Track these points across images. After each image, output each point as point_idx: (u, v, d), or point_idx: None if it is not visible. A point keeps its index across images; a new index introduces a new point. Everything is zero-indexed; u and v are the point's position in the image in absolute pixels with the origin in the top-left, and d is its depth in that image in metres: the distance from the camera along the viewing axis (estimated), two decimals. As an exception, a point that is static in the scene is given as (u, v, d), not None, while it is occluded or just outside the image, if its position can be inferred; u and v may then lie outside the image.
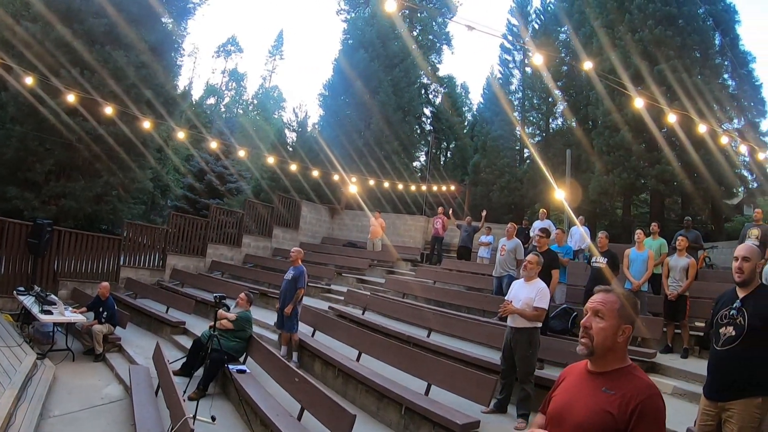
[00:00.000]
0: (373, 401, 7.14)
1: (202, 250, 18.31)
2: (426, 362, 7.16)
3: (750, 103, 26.54)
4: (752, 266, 3.72)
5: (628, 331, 2.30)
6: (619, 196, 27.42)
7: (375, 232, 19.27)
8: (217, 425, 6.29)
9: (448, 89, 44.72)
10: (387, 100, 31.85)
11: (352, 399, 7.58)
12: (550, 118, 35.81)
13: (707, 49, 25.01)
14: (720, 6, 26.37)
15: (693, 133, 16.33)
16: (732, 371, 3.62)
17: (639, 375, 2.25)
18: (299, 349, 9.35)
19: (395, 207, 26.95)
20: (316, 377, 8.57)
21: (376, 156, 29.98)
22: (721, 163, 21.62)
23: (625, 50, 23.46)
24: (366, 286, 15.70)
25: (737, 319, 3.65)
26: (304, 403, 6.36)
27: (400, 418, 6.51)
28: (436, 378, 6.83)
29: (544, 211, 15.57)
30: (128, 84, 20.21)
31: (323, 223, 24.31)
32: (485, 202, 30.67)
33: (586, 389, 2.30)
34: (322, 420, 5.77)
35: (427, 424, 6.07)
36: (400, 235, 22.70)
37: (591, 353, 2.29)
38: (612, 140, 24.02)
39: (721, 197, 25.11)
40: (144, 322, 12.70)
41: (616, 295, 2.36)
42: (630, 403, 2.12)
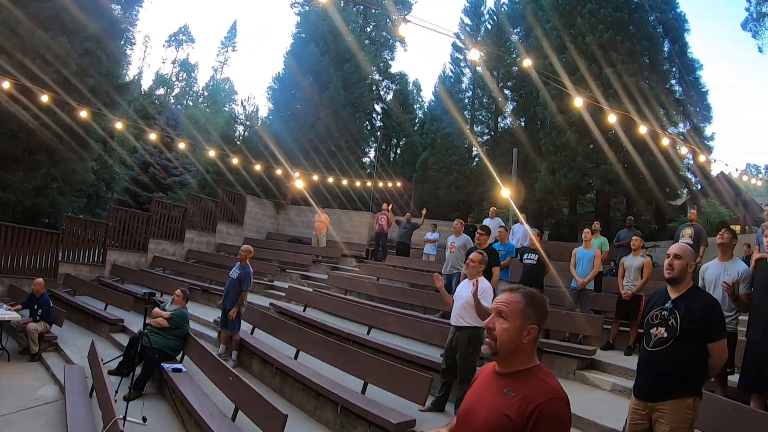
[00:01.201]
0: (309, 400, 7.07)
1: (143, 246, 17.88)
2: (363, 360, 7.11)
3: (696, 109, 27.53)
4: (683, 264, 3.75)
5: (533, 331, 2.23)
6: (565, 196, 27.92)
7: (319, 228, 19.19)
8: (148, 426, 6.14)
9: (400, 86, 44.65)
10: (336, 95, 31.67)
11: (290, 398, 7.49)
12: (499, 117, 36.21)
13: (656, 55, 25.83)
14: (671, 14, 27.40)
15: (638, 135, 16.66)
16: (663, 372, 3.64)
17: (543, 377, 2.17)
18: (239, 348, 9.23)
19: (342, 203, 26.92)
20: (254, 376, 8.52)
21: (324, 151, 29.82)
22: (664, 165, 22.17)
23: (575, 53, 23.82)
24: (309, 282, 15.63)
25: (669, 320, 3.67)
26: (238, 402, 6.25)
27: (337, 417, 6.46)
28: (372, 376, 6.78)
29: (494, 209, 15.60)
30: (72, 71, 19.55)
31: (269, 218, 24.02)
32: (433, 199, 30.88)
33: (490, 390, 2.24)
34: (255, 420, 5.68)
35: (363, 424, 6.03)
36: (345, 231, 22.57)
37: (495, 354, 2.23)
38: (559, 141, 24.44)
39: (665, 198, 25.79)
40: (82, 320, 12.36)
41: (521, 295, 2.28)
42: (529, 406, 2.04)
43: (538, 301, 2.28)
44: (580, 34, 24.16)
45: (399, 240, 17.36)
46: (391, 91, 44.11)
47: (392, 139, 43.59)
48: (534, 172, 27.61)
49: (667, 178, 23.55)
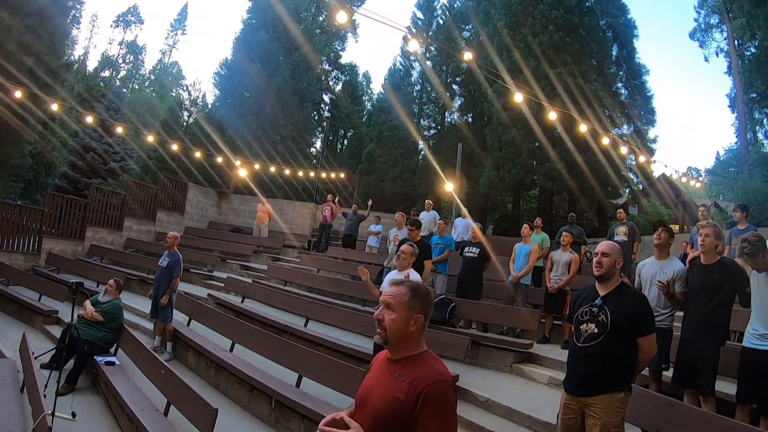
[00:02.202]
0: (244, 393, 6.99)
1: (80, 234, 17.30)
2: (298, 353, 7.02)
3: (640, 112, 28.48)
4: (611, 262, 3.81)
5: (419, 320, 2.38)
6: (509, 191, 28.31)
7: (261, 218, 19.03)
8: (79, 422, 5.95)
9: (350, 77, 44.54)
10: (284, 83, 31.31)
11: (225, 391, 7.39)
12: (446, 112, 36.37)
13: (604, 59, 26.50)
14: (621, 20, 28.26)
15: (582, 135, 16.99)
16: (593, 367, 3.68)
17: (430, 362, 2.33)
18: (174, 340, 9.06)
19: (287, 193, 26.58)
20: (190, 369, 8.38)
21: (270, 140, 29.49)
22: (606, 165, 22.67)
23: (524, 52, 24.16)
24: (250, 273, 15.51)
25: (599, 316, 3.72)
26: (170, 396, 6.10)
27: (271, 411, 6.40)
28: (307, 369, 6.71)
29: (429, 202, 15.63)
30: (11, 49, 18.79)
31: (210, 207, 23.66)
32: (377, 191, 30.87)
33: (383, 376, 2.39)
34: (186, 414, 5.54)
35: (296, 417, 5.98)
36: (288, 222, 22.36)
37: (386, 342, 2.39)
38: (504, 137, 24.75)
39: (607, 197, 26.37)
40: (16, 312, 11.84)
41: (407, 288, 2.44)
42: (416, 388, 2.18)
43: (422, 292, 2.45)
44: (531, 34, 24.48)
45: (345, 232, 17.35)
46: (340, 81, 44.00)
47: (339, 130, 43.45)
48: (479, 168, 27.94)
49: (609, 178, 24.08)
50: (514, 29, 25.40)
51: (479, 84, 27.81)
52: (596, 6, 26.36)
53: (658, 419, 4.46)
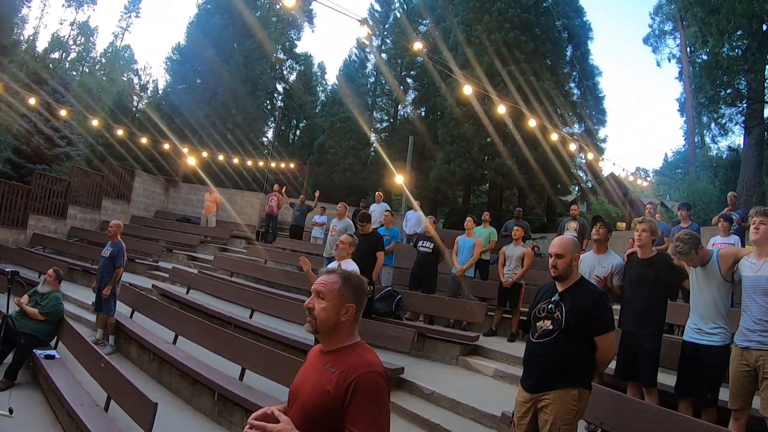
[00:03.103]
0: (187, 387, 6.82)
1: (22, 222, 16.57)
2: (242, 345, 6.91)
3: (591, 112, 29.24)
4: (566, 261, 3.78)
5: (351, 309, 2.34)
6: (460, 186, 28.53)
7: (209, 208, 18.72)
8: (18, 418, 5.74)
9: (304, 67, 44.06)
10: (237, 71, 30.99)
11: (167, 385, 7.20)
12: (399, 105, 36.49)
13: (558, 59, 27.18)
14: (577, 22, 29.08)
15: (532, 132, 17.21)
16: (548, 364, 3.67)
17: (361, 353, 2.29)
18: (116, 332, 8.82)
19: (236, 182, 26.11)
20: (132, 362, 8.16)
21: (221, 128, 29.17)
22: (556, 162, 23.04)
23: (480, 48, 24.39)
24: (196, 263, 15.29)
25: (555, 313, 3.70)
26: (110, 391, 5.89)
27: (214, 405, 6.27)
28: (250, 362, 6.60)
29: (380, 194, 15.67)
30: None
31: (158, 195, 23.12)
32: (328, 182, 30.92)
33: (315, 367, 2.35)
34: (126, 409, 5.37)
35: (240, 411, 5.89)
36: (237, 212, 22.00)
37: (316, 331, 2.34)
38: (456, 132, 24.98)
39: (556, 193, 26.85)
40: (-48, 305, 11.48)
41: (338, 276, 2.40)
42: (346, 379, 2.14)
43: (354, 281, 2.40)
44: (487, 31, 24.75)
45: (293, 223, 17.33)
46: (294, 71, 43.41)
47: (292, 120, 43.08)
48: (430, 161, 28.17)
49: (558, 175, 24.57)
50: (470, 26, 25.69)
51: (433, 78, 28.01)
52: (553, 7, 26.89)
53: (602, 412, 4.52)
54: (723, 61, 17.73)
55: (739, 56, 18.10)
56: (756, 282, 4.28)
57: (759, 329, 4.17)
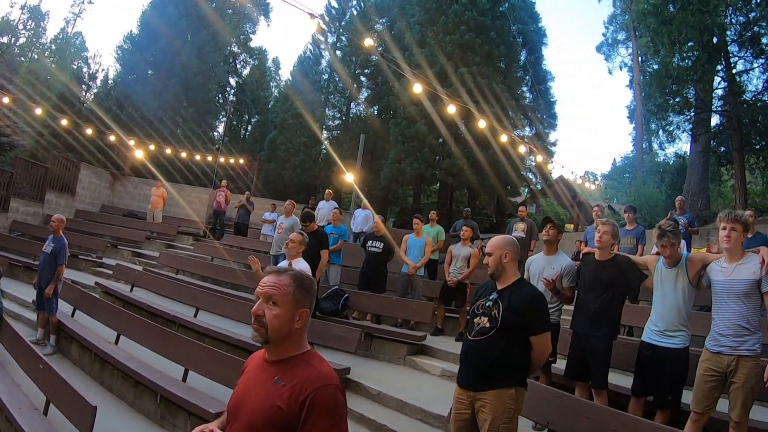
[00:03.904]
0: (129, 389, 6.60)
1: (-39, 215, 16.00)
2: (185, 345, 6.75)
3: (543, 116, 30.00)
4: (496, 259, 3.79)
5: (305, 315, 2.13)
6: (410, 185, 28.73)
7: (155, 203, 18.32)
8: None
9: (259, 62, 43.62)
10: (189, 63, 30.60)
11: (109, 386, 6.96)
12: (352, 103, 36.52)
13: (512, 63, 27.78)
14: (532, 27, 29.92)
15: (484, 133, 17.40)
16: (484, 362, 3.67)
17: (315, 364, 2.08)
18: (57, 332, 8.53)
19: (185, 177, 25.72)
20: (74, 363, 7.86)
21: (171, 121, 28.78)
22: (506, 164, 23.39)
23: (434, 49, 24.65)
24: (141, 260, 14.93)
25: (492, 311, 3.71)
26: (48, 393, 5.66)
27: (157, 407, 6.08)
28: (194, 363, 6.45)
29: (329, 192, 15.59)
30: None
31: (104, 189, 22.47)
32: (278, 179, 30.82)
33: (260, 380, 2.10)
34: (65, 413, 5.16)
35: (183, 414, 5.72)
36: (184, 207, 21.56)
37: (266, 342, 2.08)
38: (407, 131, 25.11)
39: (507, 195, 27.21)
40: None
41: (291, 278, 2.14)
42: (300, 394, 1.93)
43: (307, 283, 2.18)
44: (443, 32, 25.03)
45: (237, 220, 17.24)
46: (248, 65, 43.00)
47: (244, 115, 42.55)
48: (382, 160, 28.27)
49: (509, 176, 25.00)
50: (426, 26, 25.90)
51: (387, 77, 28.10)
52: (509, 12, 27.31)
53: (549, 411, 4.55)
54: (673, 70, 18.17)
55: (689, 67, 18.58)
56: (727, 286, 4.32)
57: (731, 334, 4.21)
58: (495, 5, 26.37)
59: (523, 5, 30.08)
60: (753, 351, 4.13)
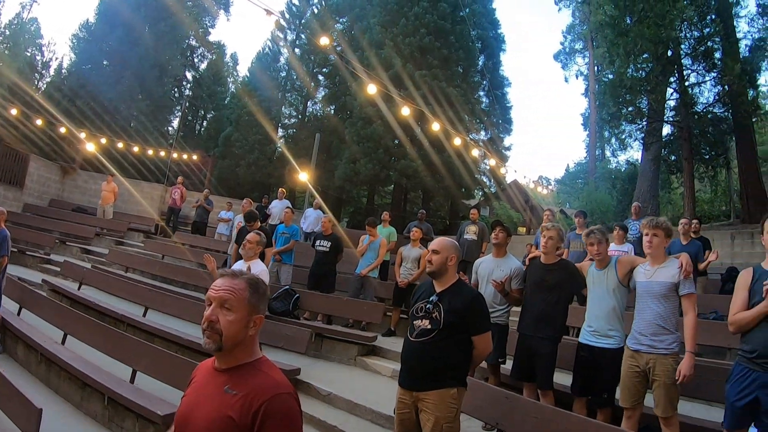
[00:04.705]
0: (76, 390, 6.41)
1: None
2: (133, 345, 6.59)
3: (499, 121, 30.37)
4: (442, 259, 3.83)
5: (260, 321, 2.06)
6: (365, 185, 28.81)
7: (106, 198, 17.97)
8: None
9: (216, 56, 42.97)
10: (146, 54, 30.20)
11: (56, 388, 6.76)
12: (309, 102, 36.44)
13: (470, 67, 28.17)
14: (491, 33, 30.36)
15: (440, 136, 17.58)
16: (426, 363, 3.70)
17: (267, 371, 2.00)
18: (2, 330, 8.37)
19: (137, 172, 25.10)
20: (20, 363, 7.63)
21: (125, 114, 28.36)
22: (461, 167, 23.66)
23: (393, 51, 24.76)
24: (90, 257, 14.63)
25: (433, 313, 3.74)
26: None
27: (104, 409, 5.92)
28: (142, 363, 6.31)
29: (282, 190, 15.63)
30: None
31: (54, 182, 21.93)
32: (232, 176, 30.55)
33: (209, 389, 1.99)
34: (10, 415, 5.04)
35: (131, 416, 5.58)
36: (136, 203, 21.28)
37: (219, 349, 1.97)
38: (363, 131, 25.19)
39: (461, 197, 27.48)
40: None
41: (246, 282, 2.05)
42: (253, 404, 1.85)
43: (262, 288, 2.10)
44: (402, 34, 25.19)
45: (195, 219, 17.08)
46: (206, 59, 42.38)
47: (200, 110, 42.01)
48: (337, 160, 28.28)
49: (463, 179, 25.26)
50: (387, 28, 25.98)
51: (345, 77, 28.14)
52: (470, 17, 27.59)
53: (497, 412, 4.59)
54: (627, 81, 18.61)
55: (642, 78, 19.11)
56: (648, 287, 4.48)
57: (649, 333, 4.35)
58: (455, 10, 26.63)
59: (484, 11, 30.44)
60: (670, 349, 4.30)
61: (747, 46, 19.91)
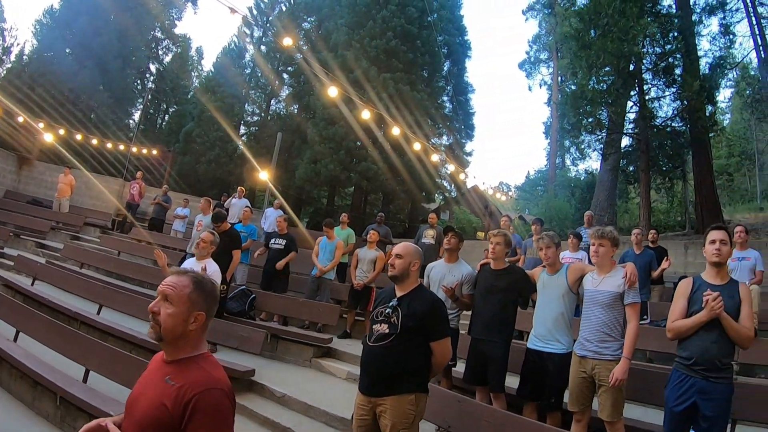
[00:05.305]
0: (28, 390, 6.28)
1: None
2: (87, 344, 6.49)
3: (461, 126, 30.67)
4: (405, 263, 3.87)
5: (201, 318, 2.18)
6: (325, 186, 28.85)
7: (63, 191, 17.47)
8: None
9: (182, 49, 42.67)
10: (109, 44, 29.72)
11: (8, 387, 6.59)
12: (273, 100, 36.32)
13: (435, 72, 28.54)
14: (458, 39, 30.70)
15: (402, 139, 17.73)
16: (384, 368, 3.71)
17: (206, 367, 2.12)
18: (-47, 328, 8.23)
19: (97, 165, 24.82)
20: None
21: (85, 105, 27.82)
22: (421, 171, 23.86)
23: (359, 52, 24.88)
24: (45, 252, 14.33)
25: (392, 317, 3.75)
26: None
27: (56, 409, 5.82)
28: (95, 362, 6.21)
29: (242, 189, 15.43)
30: None
31: (9, 173, 21.51)
32: (192, 173, 30.29)
33: (156, 378, 2.15)
34: None
35: (83, 416, 5.43)
36: (93, 197, 21.03)
37: (159, 339, 2.14)
38: (326, 132, 25.22)
39: (421, 201, 27.70)
40: None
41: (190, 279, 2.22)
42: (185, 395, 1.98)
43: (206, 287, 2.25)
44: (369, 36, 25.34)
45: (153, 215, 16.92)
46: (170, 52, 41.97)
47: (162, 104, 41.50)
48: (298, 159, 28.21)
49: (424, 183, 25.44)
50: (354, 29, 26.10)
51: (309, 76, 28.14)
52: (437, 22, 27.87)
53: (450, 415, 4.67)
54: (588, 92, 18.90)
55: (604, 90, 19.45)
56: (594, 295, 4.60)
57: (595, 340, 4.48)
58: (423, 15, 26.80)
59: (451, 17, 30.82)
60: (615, 356, 4.42)
61: (708, 64, 20.49)
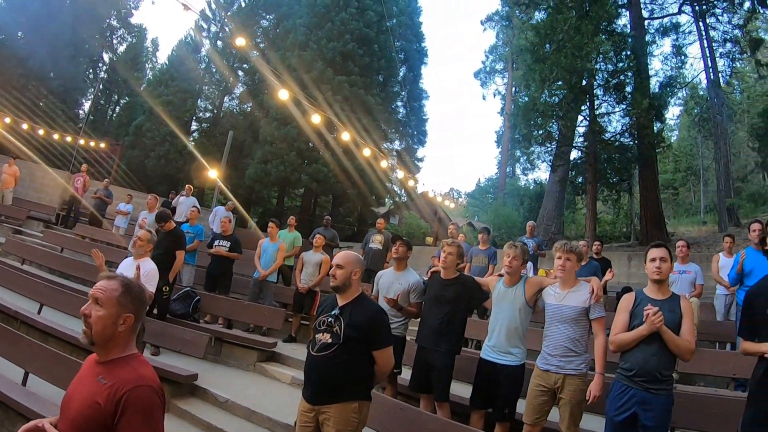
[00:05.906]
0: None
1: None
2: (26, 345, 6.19)
3: (414, 132, 30.97)
4: (346, 273, 3.86)
5: (129, 320, 2.27)
6: (275, 186, 28.80)
7: (6, 182, 16.71)
8: None
9: (136, 40, 41.72)
10: (62, 31, 29.02)
11: None
12: (226, 97, 36.03)
13: (390, 77, 28.73)
14: (415, 46, 31.16)
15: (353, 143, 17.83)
16: (327, 377, 3.72)
17: (135, 366, 2.24)
18: None
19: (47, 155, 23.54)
20: None
21: (34, 92, 27.12)
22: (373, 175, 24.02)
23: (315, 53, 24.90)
24: (-15, 247, 13.82)
25: (334, 327, 3.76)
26: None
27: None
28: (35, 365, 5.97)
29: (190, 187, 15.07)
30: None
31: (-51, 164, 20.58)
32: (140, 167, 29.75)
33: (89, 378, 2.24)
34: None
35: (22, 421, 5.22)
36: (37, 190, 20.27)
37: (92, 342, 2.23)
38: (278, 132, 25.23)
39: (371, 205, 27.84)
40: None
41: (119, 283, 2.30)
42: (117, 393, 2.09)
43: (135, 290, 2.33)
44: (326, 38, 25.44)
45: (92, 209, 16.39)
46: (125, 42, 41.13)
47: (114, 95, 40.64)
48: (249, 159, 28.08)
49: (374, 187, 25.58)
50: (312, 30, 26.16)
51: (264, 75, 28.03)
52: (395, 28, 28.06)
53: (393, 423, 4.68)
54: (540, 105, 19.29)
55: (555, 103, 19.94)
56: (558, 311, 4.63)
57: (558, 354, 4.52)
58: (382, 20, 27.01)
59: (410, 23, 31.18)
60: (578, 370, 4.49)
61: (658, 83, 21.39)
